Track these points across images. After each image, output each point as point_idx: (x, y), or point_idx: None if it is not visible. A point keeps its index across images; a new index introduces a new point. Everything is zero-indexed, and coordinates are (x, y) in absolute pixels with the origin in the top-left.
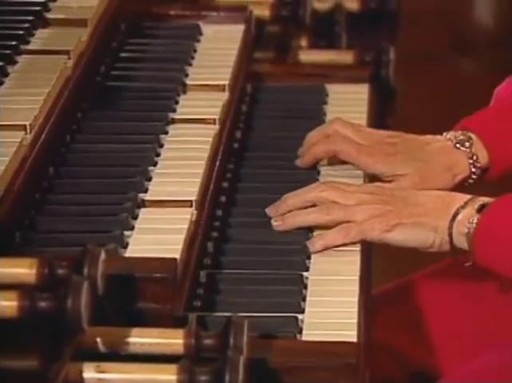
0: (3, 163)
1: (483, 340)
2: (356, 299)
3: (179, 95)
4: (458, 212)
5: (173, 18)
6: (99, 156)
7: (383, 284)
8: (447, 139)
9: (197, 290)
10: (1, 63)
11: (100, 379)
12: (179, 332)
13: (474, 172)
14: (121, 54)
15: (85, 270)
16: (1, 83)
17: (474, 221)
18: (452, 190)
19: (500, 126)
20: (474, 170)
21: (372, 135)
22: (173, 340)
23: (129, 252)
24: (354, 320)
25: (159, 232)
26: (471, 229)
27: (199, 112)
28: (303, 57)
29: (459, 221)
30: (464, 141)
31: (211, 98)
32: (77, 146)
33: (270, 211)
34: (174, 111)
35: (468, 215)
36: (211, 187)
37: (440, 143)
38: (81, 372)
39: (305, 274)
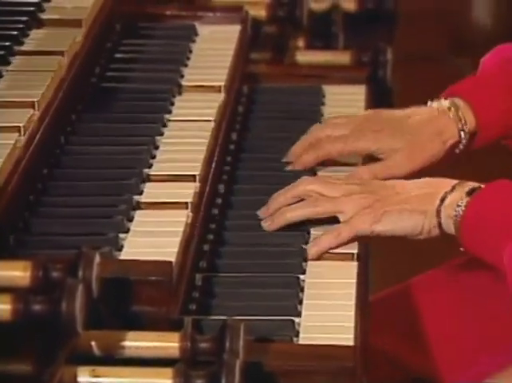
0: None
1: (483, 345)
2: (353, 302)
3: (175, 96)
4: (446, 196)
5: (169, 19)
6: (93, 158)
7: (380, 288)
8: (432, 107)
9: (193, 294)
10: None
11: None
12: (175, 335)
13: (463, 137)
14: (116, 55)
15: (80, 273)
16: None
17: (463, 204)
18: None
19: (487, 90)
20: (463, 135)
21: (353, 120)
22: (169, 343)
23: (124, 255)
24: (351, 323)
25: (154, 235)
26: (459, 212)
27: (195, 113)
28: (300, 58)
29: (448, 204)
30: (451, 107)
31: (207, 99)
32: (72, 148)
33: (262, 213)
34: (169, 112)
35: (457, 198)
36: (207, 189)
37: (424, 114)
38: (76, 376)
39: (302, 277)
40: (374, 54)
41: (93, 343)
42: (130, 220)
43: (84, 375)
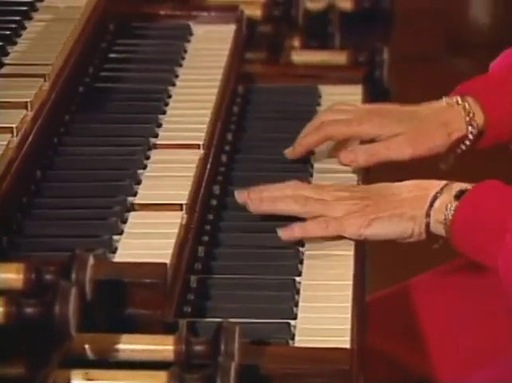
0: None
1: (481, 346)
2: (350, 305)
3: (170, 96)
4: (435, 198)
5: (163, 18)
6: (87, 159)
7: (378, 288)
8: (441, 102)
9: (187, 296)
10: None
11: None
12: (170, 338)
13: (471, 132)
14: (110, 55)
15: (73, 276)
16: None
17: (451, 208)
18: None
19: (496, 90)
20: (470, 129)
21: (358, 107)
22: (163, 346)
23: (118, 257)
24: (348, 326)
25: (148, 237)
26: (449, 216)
27: (190, 113)
28: (295, 58)
29: (437, 208)
30: (460, 101)
31: (202, 99)
32: (65, 149)
33: (240, 195)
34: (164, 113)
35: (445, 202)
36: (202, 190)
37: (434, 105)
38: (69, 379)
39: (298, 279)
40: (370, 54)
41: (87, 346)
42: (124, 222)
43: (77, 378)
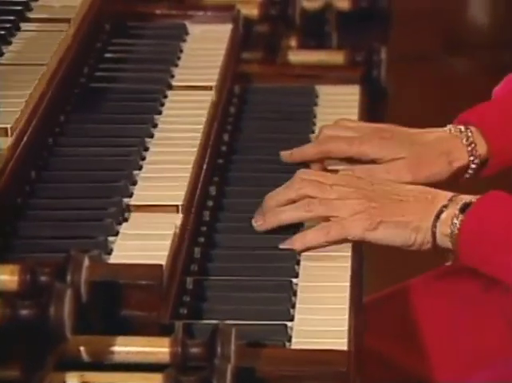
0: None
1: (478, 348)
2: (347, 306)
3: (166, 96)
4: (441, 211)
5: (159, 18)
6: (82, 160)
7: (375, 290)
8: (444, 130)
9: (183, 298)
10: None
11: None
12: (165, 340)
13: (472, 161)
14: (105, 55)
15: (68, 277)
16: None
17: (457, 221)
18: (450, 183)
19: (499, 117)
20: (472, 158)
21: (366, 126)
22: (159, 348)
23: (114, 258)
24: (345, 327)
25: (144, 238)
26: (455, 229)
27: (186, 114)
28: (292, 58)
29: (443, 221)
30: (463, 131)
31: (198, 100)
32: (60, 149)
33: (257, 220)
34: (159, 113)
35: (451, 215)
36: (198, 191)
37: (437, 132)
38: (64, 382)
39: (295, 281)
40: (368, 54)
41: (82, 348)
42: (119, 223)
43: (72, 381)
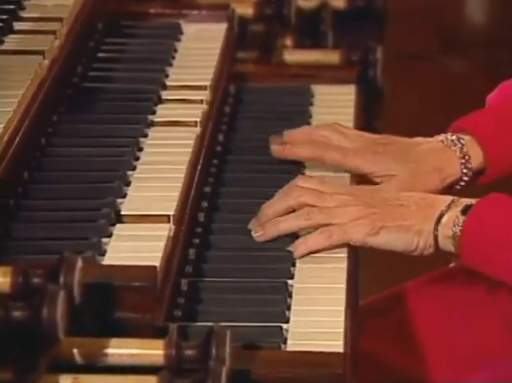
0: None
1: (474, 350)
2: (343, 308)
3: (160, 96)
4: (442, 214)
5: (153, 17)
6: (75, 161)
7: (372, 293)
8: (439, 140)
9: (178, 299)
10: None
11: None
12: (160, 342)
13: (465, 173)
14: (99, 54)
15: (61, 279)
16: None
17: (459, 223)
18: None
19: (494, 125)
20: (465, 171)
21: (361, 137)
22: (153, 351)
23: (107, 260)
24: (341, 329)
25: (138, 239)
26: (457, 231)
27: (180, 114)
28: (288, 57)
29: (444, 224)
30: (456, 141)
31: (193, 99)
32: (53, 150)
33: (253, 226)
34: (154, 113)
35: (453, 217)
36: (193, 192)
37: (431, 144)
38: None
39: (290, 282)
40: (364, 53)
41: (75, 350)
42: (113, 224)
43: None
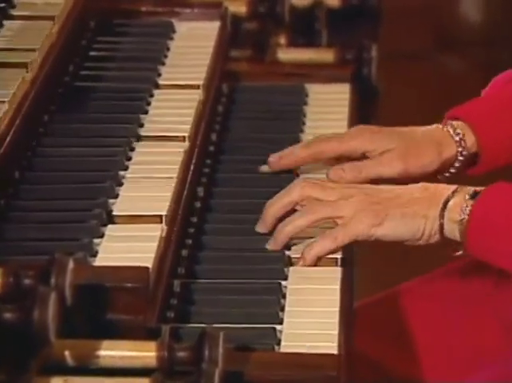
0: None
1: (471, 352)
2: (337, 309)
3: (152, 95)
4: (448, 199)
5: (145, 15)
6: (67, 161)
7: (366, 294)
8: (432, 126)
9: (170, 301)
10: None
11: None
12: (152, 344)
13: (460, 152)
14: (90, 53)
15: (53, 280)
16: None
17: (467, 208)
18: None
19: (488, 113)
20: (460, 149)
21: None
22: (145, 352)
23: (99, 261)
24: (335, 331)
25: (130, 240)
26: (465, 216)
27: (173, 113)
28: (282, 56)
29: (451, 208)
30: (450, 127)
31: (185, 99)
32: (44, 150)
33: (260, 228)
34: (146, 112)
35: (460, 203)
36: (185, 192)
37: (425, 128)
38: None
39: (284, 283)
40: (358, 52)
41: (67, 352)
42: (105, 225)
43: None
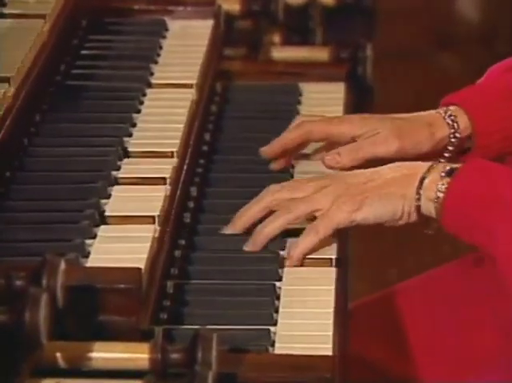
0: None
1: (466, 352)
2: (332, 310)
3: (145, 95)
4: (424, 177)
5: (137, 13)
6: (58, 160)
7: (360, 296)
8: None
9: (163, 302)
10: None
11: None
12: (145, 346)
13: (453, 134)
14: (82, 52)
15: (44, 281)
16: None
17: (443, 186)
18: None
19: (482, 99)
20: (452, 131)
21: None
22: (138, 354)
23: (91, 262)
24: (329, 332)
25: (122, 240)
26: (441, 194)
27: (165, 112)
28: (276, 54)
29: (427, 187)
30: (443, 112)
31: (178, 98)
32: (35, 149)
33: (229, 229)
34: (138, 111)
35: (435, 180)
36: (178, 192)
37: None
38: None
39: (278, 284)
40: (353, 50)
41: (58, 354)
42: (97, 225)
43: None
